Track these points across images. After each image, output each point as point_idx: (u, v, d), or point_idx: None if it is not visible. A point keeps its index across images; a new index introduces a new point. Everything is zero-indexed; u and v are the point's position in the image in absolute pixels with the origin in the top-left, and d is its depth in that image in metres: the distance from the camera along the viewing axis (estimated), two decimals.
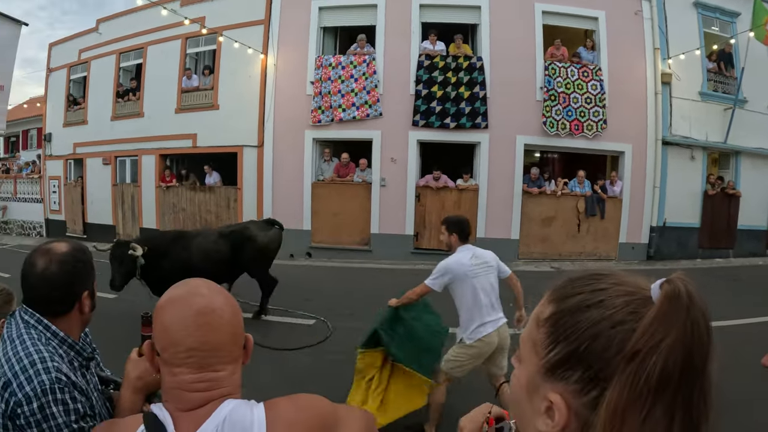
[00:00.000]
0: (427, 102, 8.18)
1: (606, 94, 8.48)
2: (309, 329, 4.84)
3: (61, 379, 0.91)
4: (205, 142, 9.64)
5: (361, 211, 8.25)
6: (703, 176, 9.19)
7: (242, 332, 0.77)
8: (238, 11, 9.51)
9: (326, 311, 5.29)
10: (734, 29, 9.71)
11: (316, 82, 8.63)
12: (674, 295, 0.44)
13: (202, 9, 9.88)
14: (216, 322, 0.72)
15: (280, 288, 6.59)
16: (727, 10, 9.78)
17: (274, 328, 4.84)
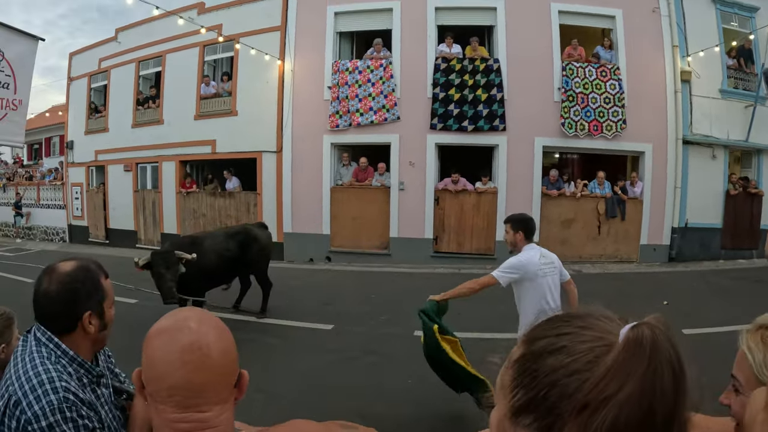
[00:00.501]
0: (445, 105, 8.21)
1: (625, 94, 8.41)
2: (327, 333, 4.86)
3: (68, 398, 0.95)
4: (225, 148, 9.79)
5: (380, 215, 8.32)
6: (724, 175, 9.05)
7: (234, 370, 0.71)
8: (254, 18, 9.64)
9: (345, 315, 5.32)
10: (753, 24, 9.54)
11: (334, 87, 8.71)
12: (634, 343, 0.41)
13: (219, 17, 10.04)
14: (202, 361, 0.66)
15: (300, 292, 6.70)
16: (745, 5, 9.61)
17: (293, 333, 4.89)
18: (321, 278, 7.84)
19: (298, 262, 8.83)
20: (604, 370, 0.41)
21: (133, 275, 7.47)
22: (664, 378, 0.40)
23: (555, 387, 0.43)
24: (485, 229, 8.12)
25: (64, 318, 1.04)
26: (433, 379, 3.58)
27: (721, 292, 7.04)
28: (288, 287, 6.98)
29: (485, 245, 8.16)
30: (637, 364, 0.40)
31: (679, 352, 0.42)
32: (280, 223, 8.97)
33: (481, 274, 8.03)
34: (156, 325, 0.71)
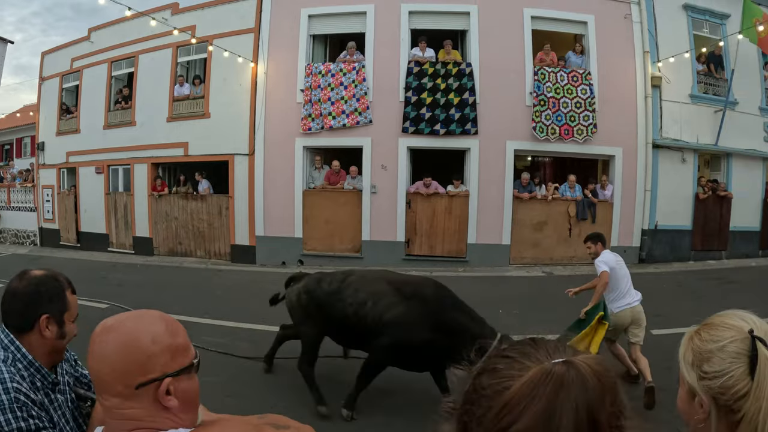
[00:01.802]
0: (417, 109, 8.19)
1: (596, 99, 8.49)
2: None
3: (19, 398, 1.02)
4: (197, 150, 9.64)
5: (352, 219, 8.26)
6: (694, 178, 9.19)
7: (135, 370, 0.73)
8: (228, 20, 9.53)
9: None
10: (724, 31, 9.72)
11: (306, 90, 8.64)
12: (538, 380, 0.41)
13: (193, 18, 9.91)
14: (98, 350, 0.74)
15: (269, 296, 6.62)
16: (716, 12, 9.79)
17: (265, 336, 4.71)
18: None
19: (270, 265, 8.73)
20: (503, 402, 0.41)
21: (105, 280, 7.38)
22: (562, 421, 0.39)
23: (474, 405, 0.44)
24: (457, 232, 8.12)
25: (23, 316, 1.12)
26: (410, 378, 3.55)
27: (690, 292, 7.14)
28: (260, 291, 6.94)
29: (457, 248, 8.15)
30: (536, 400, 0.40)
31: (593, 401, 0.40)
32: (252, 226, 8.86)
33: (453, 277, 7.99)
34: None
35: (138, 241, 10.38)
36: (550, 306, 5.93)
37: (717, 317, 0.78)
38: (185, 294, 6.55)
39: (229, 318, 5.29)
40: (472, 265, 7.99)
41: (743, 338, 0.70)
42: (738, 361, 0.69)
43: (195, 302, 5.94)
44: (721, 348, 0.71)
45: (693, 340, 0.77)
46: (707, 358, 0.72)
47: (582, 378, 0.41)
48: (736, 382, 0.68)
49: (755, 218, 9.85)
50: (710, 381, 0.71)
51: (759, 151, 9.87)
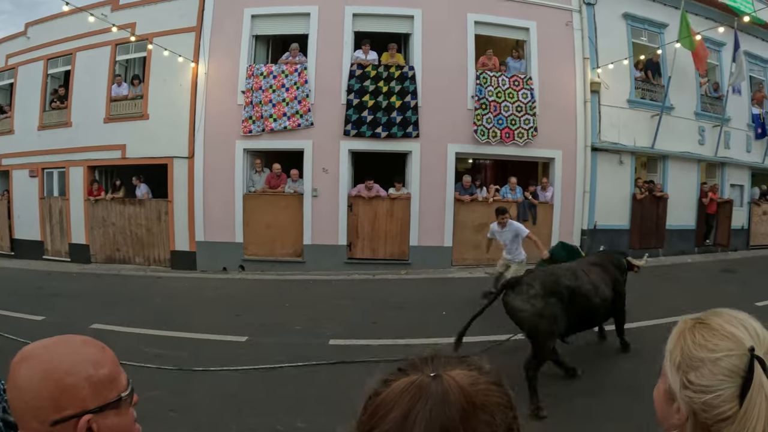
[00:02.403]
0: (359, 112, 8.11)
1: (536, 103, 8.65)
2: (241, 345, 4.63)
3: None
4: (135, 153, 9.24)
5: (294, 223, 8.09)
6: (631, 180, 9.51)
7: (48, 406, 0.66)
8: (169, 18, 9.20)
9: (259, 325, 5.15)
10: (662, 40, 10.13)
11: (248, 91, 8.42)
12: (400, 390, 0.44)
13: (133, 15, 9.52)
14: (12, 381, 0.68)
15: (213, 303, 6.43)
16: (655, 22, 10.19)
17: (205, 346, 4.62)
18: (234, 288, 7.56)
19: (211, 271, 8.45)
20: (373, 407, 0.45)
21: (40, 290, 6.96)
22: (413, 430, 0.41)
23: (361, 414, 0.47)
24: (399, 235, 8.08)
25: None
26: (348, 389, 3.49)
27: (628, 289, 7.36)
28: (201, 298, 6.76)
29: (399, 250, 8.11)
30: (395, 408, 0.42)
31: (451, 413, 0.42)
32: (192, 231, 8.55)
33: (396, 280, 7.96)
34: None
35: (74, 249, 9.85)
36: (492, 307, 6.06)
37: (717, 317, 0.68)
38: (123, 303, 6.28)
39: (169, 327, 5.07)
40: (414, 267, 7.97)
41: (741, 354, 0.62)
42: (729, 380, 0.61)
43: (133, 311, 5.71)
44: (715, 360, 0.63)
45: (685, 338, 0.68)
46: (696, 366, 0.64)
47: (444, 392, 0.43)
48: (723, 402, 0.61)
49: (690, 217, 10.30)
50: (694, 394, 0.63)
51: (693, 154, 10.33)
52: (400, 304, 6.19)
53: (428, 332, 4.90)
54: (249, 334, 4.84)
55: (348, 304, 6.22)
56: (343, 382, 3.63)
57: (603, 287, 3.85)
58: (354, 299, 6.44)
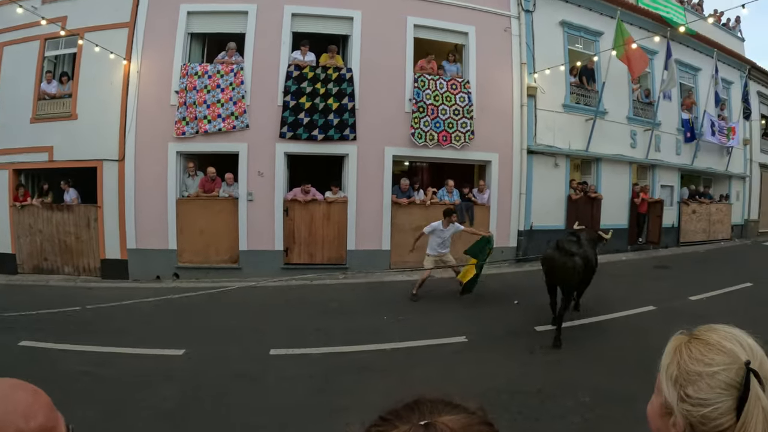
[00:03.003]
0: (295, 113, 8.03)
1: (474, 106, 8.84)
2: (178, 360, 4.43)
3: None
4: (63, 155, 8.76)
5: (229, 228, 7.92)
6: (566, 182, 9.90)
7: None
8: (102, 12, 8.78)
9: (196, 337, 4.93)
10: (597, 47, 10.57)
11: (181, 91, 8.16)
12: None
13: (64, 8, 9.02)
14: None
15: (148, 314, 6.17)
16: (591, 30, 10.62)
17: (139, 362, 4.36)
18: (168, 297, 7.29)
19: (144, 280, 8.14)
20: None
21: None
22: None
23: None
24: (336, 239, 8.07)
25: None
26: (293, 402, 3.50)
27: None
28: (134, 309, 6.41)
29: (337, 255, 8.10)
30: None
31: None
32: (123, 238, 8.21)
33: (334, 285, 8.00)
34: None
35: None
36: (432, 309, 6.14)
37: (713, 333, 0.69)
38: (53, 317, 5.93)
39: (102, 342, 4.77)
40: (352, 271, 7.98)
41: (738, 368, 0.63)
42: (726, 393, 0.63)
43: (64, 326, 5.39)
44: (712, 374, 0.64)
45: (681, 353, 0.69)
46: (694, 380, 0.65)
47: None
48: (720, 415, 0.62)
49: (623, 216, 10.83)
50: (692, 407, 0.64)
51: (626, 156, 10.86)
52: (339, 309, 6.16)
53: (370, 338, 4.89)
54: (186, 347, 4.64)
55: (287, 311, 6.14)
56: (287, 397, 3.57)
57: (592, 258, 5.17)
58: (292, 306, 6.37)
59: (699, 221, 12.53)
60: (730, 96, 13.63)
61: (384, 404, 0.54)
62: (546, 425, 3.18)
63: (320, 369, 4.16)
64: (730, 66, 13.65)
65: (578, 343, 4.77)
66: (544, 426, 3.17)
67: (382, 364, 4.27)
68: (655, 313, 5.92)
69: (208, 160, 8.23)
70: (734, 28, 14.38)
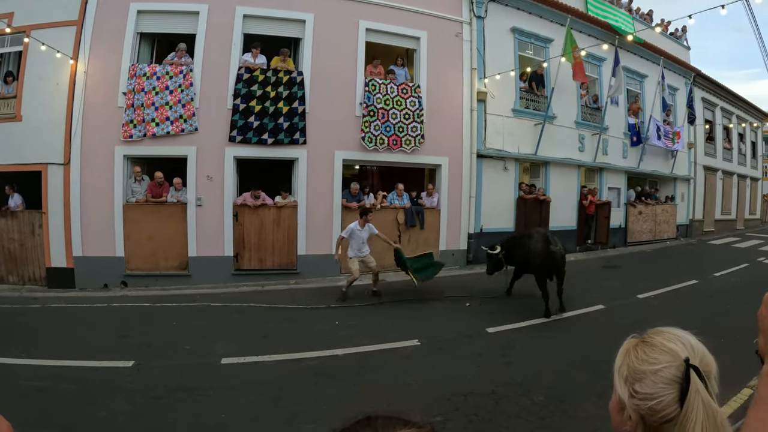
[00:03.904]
0: (245, 117, 8.06)
1: (424, 111, 9.06)
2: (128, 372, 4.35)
3: None
4: (5, 158, 8.48)
5: (178, 234, 7.88)
6: (515, 185, 10.28)
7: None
8: (49, 9, 8.51)
9: (145, 348, 4.85)
10: (547, 54, 10.98)
11: (129, 93, 8.06)
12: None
13: (10, 4, 8.71)
14: None
15: (95, 325, 6.04)
16: (541, 36, 11.01)
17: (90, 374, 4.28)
18: (117, 306, 7.17)
19: (91, 289, 7.98)
20: None
21: None
22: None
23: None
24: (287, 244, 8.16)
25: None
26: (247, 410, 3.49)
27: (515, 289, 7.90)
28: (80, 319, 6.29)
29: (287, 260, 8.19)
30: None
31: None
32: (69, 246, 8.04)
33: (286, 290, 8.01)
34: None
35: None
36: (384, 313, 6.21)
37: (657, 336, 0.78)
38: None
39: (50, 356, 4.62)
40: (303, 276, 8.08)
41: (678, 365, 0.71)
42: (669, 388, 0.71)
43: (9, 339, 5.20)
44: (655, 372, 0.73)
45: (630, 355, 0.78)
46: (640, 378, 0.74)
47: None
48: (665, 407, 0.70)
49: (572, 218, 11.32)
50: (640, 401, 0.73)
51: (574, 160, 11.34)
52: (290, 315, 6.18)
53: (321, 344, 4.89)
54: (136, 358, 4.56)
55: (238, 318, 6.11)
56: (240, 406, 3.55)
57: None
58: (243, 313, 6.34)
59: (645, 222, 13.20)
60: (675, 101, 14.38)
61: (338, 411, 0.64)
62: (501, 425, 3.19)
63: (273, 376, 4.16)
64: (676, 73, 14.39)
65: (530, 343, 4.91)
66: (499, 426, 3.20)
67: (335, 370, 4.28)
68: (604, 312, 6.16)
69: (156, 164, 8.15)
70: (680, 37, 15.15)
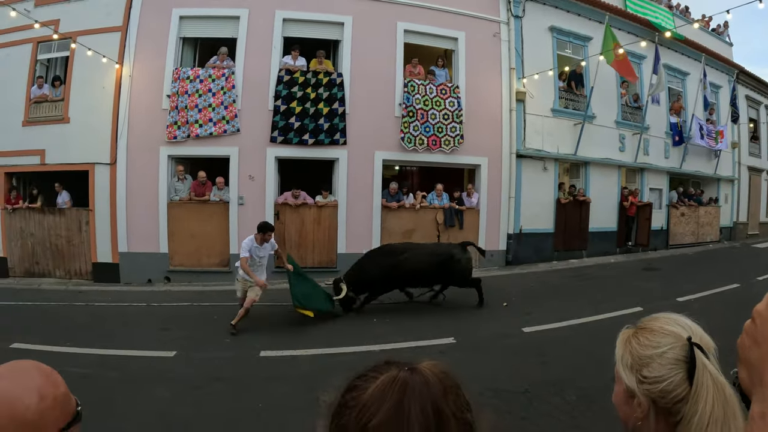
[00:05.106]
0: (286, 118, 8.11)
1: (463, 111, 8.94)
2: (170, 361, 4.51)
3: None
4: (55, 159, 8.81)
5: (220, 232, 7.98)
6: (555, 185, 10.02)
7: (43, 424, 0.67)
8: (95, 16, 8.83)
9: (187, 340, 5.03)
10: (586, 52, 10.71)
11: (173, 95, 8.23)
12: (387, 383, 0.51)
13: (57, 11, 9.08)
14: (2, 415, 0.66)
15: (140, 317, 6.26)
16: (580, 35, 10.76)
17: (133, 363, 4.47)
18: (161, 301, 7.34)
19: (135, 284, 8.18)
20: (362, 404, 0.50)
21: None
22: (410, 415, 0.48)
23: (342, 416, 0.53)
24: (326, 243, 8.15)
25: None
26: (282, 401, 3.56)
27: (555, 290, 7.71)
28: (126, 312, 6.52)
29: (327, 258, 8.18)
30: (386, 400, 0.49)
31: (436, 396, 0.50)
32: (115, 242, 8.25)
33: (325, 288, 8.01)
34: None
35: None
36: (421, 310, 6.27)
37: (655, 322, 0.79)
38: (44, 320, 6.00)
39: (94, 345, 4.85)
40: (343, 273, 8.02)
41: (682, 345, 0.72)
42: (677, 368, 0.71)
43: (55, 329, 5.45)
44: (661, 354, 0.74)
45: (631, 343, 0.78)
46: (647, 363, 0.74)
47: (425, 379, 0.51)
48: (675, 387, 0.71)
49: (612, 219, 10.96)
50: (650, 385, 0.73)
51: (614, 160, 11.00)
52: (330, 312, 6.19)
53: (357, 340, 4.96)
54: (177, 349, 4.73)
55: (276, 313, 6.19)
56: (276, 398, 3.61)
57: None
58: (282, 309, 6.38)
59: (688, 224, 12.69)
60: (718, 100, 13.82)
61: None
62: (533, 423, 3.21)
63: (309, 370, 4.23)
64: (718, 70, 13.84)
65: (565, 343, 4.82)
66: (530, 424, 3.20)
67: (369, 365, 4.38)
68: (642, 314, 5.91)
69: (198, 163, 8.29)
70: (722, 33, 14.58)
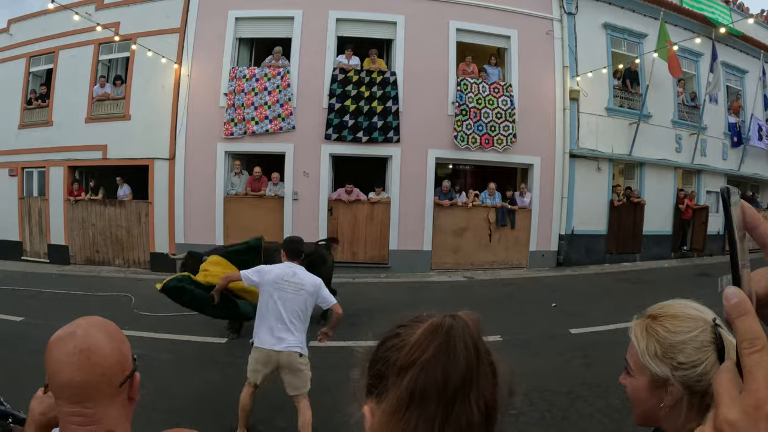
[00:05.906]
0: (340, 116, 8.17)
1: (516, 110, 8.78)
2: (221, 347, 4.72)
3: None
4: (116, 154, 9.19)
5: (274, 226, 8.09)
6: (609, 186, 9.69)
7: (116, 372, 0.80)
8: (153, 18, 9.19)
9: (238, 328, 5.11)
10: (641, 49, 10.34)
11: (230, 94, 8.43)
12: (435, 326, 0.55)
13: (117, 14, 9.50)
14: (82, 363, 0.77)
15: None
16: (634, 32, 10.40)
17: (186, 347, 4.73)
18: None
19: None
20: (412, 343, 0.54)
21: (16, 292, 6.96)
22: (456, 350, 0.53)
23: (386, 361, 0.57)
24: (379, 239, 8.15)
25: None
26: (329, 386, 3.57)
27: (605, 293, 7.49)
28: None
29: (379, 254, 8.18)
30: (435, 339, 0.53)
31: (475, 336, 0.55)
32: (172, 233, 8.52)
33: (376, 283, 8.04)
34: (56, 333, 0.82)
35: (53, 250, 9.74)
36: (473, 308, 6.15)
37: (671, 308, 0.79)
38: (103, 304, 6.30)
39: (150, 329, 5.17)
40: (394, 271, 8.03)
41: (709, 327, 0.73)
42: (709, 349, 0.73)
43: (113, 313, 5.70)
44: (694, 338, 0.74)
45: (656, 332, 0.78)
46: (680, 349, 0.74)
47: (464, 323, 0.55)
48: (712, 368, 0.72)
49: (667, 223, 10.51)
50: (687, 371, 0.74)
51: (670, 161, 10.56)
52: (379, 307, 6.25)
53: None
54: (229, 336, 4.94)
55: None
56: (324, 382, 3.65)
57: None
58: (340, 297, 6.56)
59: None
60: None
61: None
62: (573, 424, 3.21)
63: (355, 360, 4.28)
64: None
65: (612, 346, 4.65)
66: (570, 425, 3.20)
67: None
68: None
69: (254, 159, 8.46)
70: None
